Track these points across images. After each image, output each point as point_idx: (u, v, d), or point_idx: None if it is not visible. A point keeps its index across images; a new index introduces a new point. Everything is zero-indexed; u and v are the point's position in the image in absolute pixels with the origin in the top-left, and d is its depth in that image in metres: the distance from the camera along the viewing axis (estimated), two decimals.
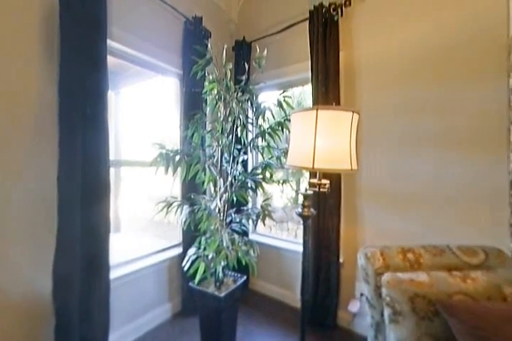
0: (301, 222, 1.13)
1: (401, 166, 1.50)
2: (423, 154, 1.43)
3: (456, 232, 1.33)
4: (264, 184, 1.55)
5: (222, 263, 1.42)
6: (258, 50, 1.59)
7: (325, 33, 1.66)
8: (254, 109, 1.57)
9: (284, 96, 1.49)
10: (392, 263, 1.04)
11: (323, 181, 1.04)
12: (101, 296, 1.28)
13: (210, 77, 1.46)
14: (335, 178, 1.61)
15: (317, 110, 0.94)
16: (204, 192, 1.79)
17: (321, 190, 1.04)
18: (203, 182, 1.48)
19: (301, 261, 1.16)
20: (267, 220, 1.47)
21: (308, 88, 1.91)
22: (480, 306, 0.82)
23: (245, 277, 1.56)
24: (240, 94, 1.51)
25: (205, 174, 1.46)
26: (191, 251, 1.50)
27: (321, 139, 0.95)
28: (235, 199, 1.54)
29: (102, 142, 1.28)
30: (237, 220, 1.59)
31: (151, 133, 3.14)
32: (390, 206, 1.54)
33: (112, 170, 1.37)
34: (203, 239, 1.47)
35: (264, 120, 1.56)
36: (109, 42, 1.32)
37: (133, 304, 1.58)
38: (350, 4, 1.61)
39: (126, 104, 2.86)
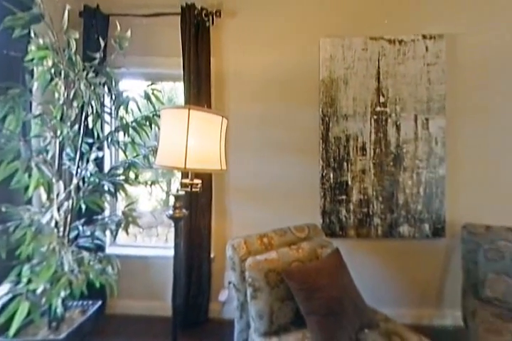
0: (173, 224, 1.07)
1: (260, 167, 1.81)
2: (274, 157, 1.80)
3: (294, 216, 1.78)
4: (127, 186, 1.33)
5: (63, 294, 1.07)
6: (119, 27, 1.34)
7: (197, 34, 1.69)
8: (114, 97, 1.31)
9: (152, 89, 1.36)
10: (253, 249, 1.23)
11: (196, 181, 1.04)
12: None
13: (41, 41, 1.06)
14: (206, 178, 1.67)
15: (189, 110, 0.94)
16: (29, 202, 1.27)
17: (194, 189, 1.04)
18: (26, 188, 1.05)
19: (172, 265, 1.10)
20: (132, 228, 1.28)
21: (180, 86, 1.86)
22: (305, 267, 1.14)
23: (100, 302, 1.27)
24: (92, 74, 1.20)
25: (30, 176, 1.04)
26: (1, 289, 1.01)
27: (193, 139, 0.95)
28: (83, 207, 1.21)
29: None
30: (88, 233, 1.26)
31: None
32: (252, 200, 1.81)
33: None
34: (26, 268, 1.04)
35: (127, 112, 1.34)
36: None
37: None
38: (220, 16, 1.74)
39: None
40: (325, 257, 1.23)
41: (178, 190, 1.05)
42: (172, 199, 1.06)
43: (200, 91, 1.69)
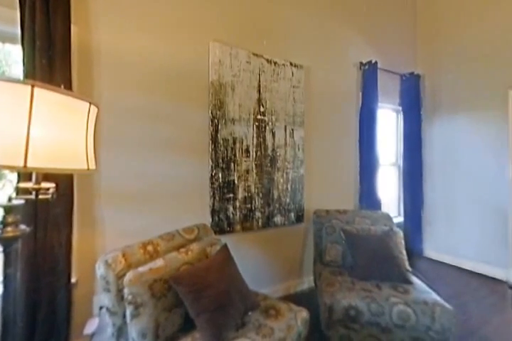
0: (2, 248, 0.75)
1: (143, 166, 1.60)
2: (161, 156, 1.66)
3: (182, 218, 1.72)
4: None
5: None
6: None
7: None
8: None
9: None
10: (134, 261, 1.08)
11: (46, 185, 0.78)
12: None
13: None
14: (64, 180, 1.29)
15: (33, 87, 0.69)
16: None
17: (41, 196, 0.78)
18: None
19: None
20: None
21: (15, 50, 1.33)
22: (195, 268, 1.14)
23: None
24: None
25: None
26: None
27: (41, 129, 0.71)
28: None
29: None
30: None
31: None
32: (132, 205, 1.58)
33: None
34: None
35: None
36: None
37: None
38: None
39: None
40: (214, 255, 1.27)
41: (11, 199, 0.75)
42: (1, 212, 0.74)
43: (52, 64, 1.27)
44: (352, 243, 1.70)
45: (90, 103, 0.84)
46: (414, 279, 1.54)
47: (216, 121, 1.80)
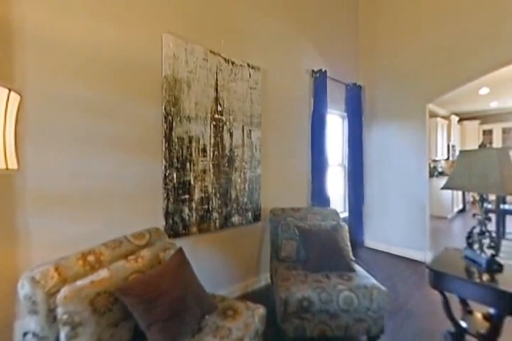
0: None
1: (83, 165, 1.41)
2: (105, 154, 1.48)
3: (132, 222, 1.57)
4: None
5: None
6: None
7: None
8: None
9: None
10: (70, 274, 0.94)
11: None
12: None
13: None
14: None
15: None
16: None
17: None
18: None
19: None
20: None
21: None
22: (146, 276, 1.05)
23: None
24: None
25: None
26: None
27: None
28: None
29: None
30: None
31: None
32: (68, 210, 1.37)
33: None
34: None
35: None
36: None
37: None
38: None
39: None
40: (168, 260, 1.20)
41: None
42: None
43: None
44: (305, 238, 1.82)
45: (10, 89, 0.70)
46: (357, 267, 1.73)
47: (170, 118, 1.70)
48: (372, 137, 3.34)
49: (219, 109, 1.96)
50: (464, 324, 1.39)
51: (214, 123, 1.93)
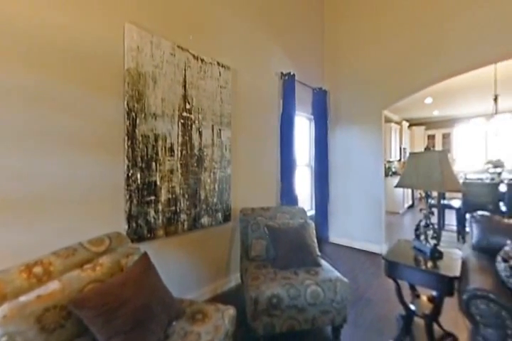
0: None
1: (31, 165, 1.24)
2: (56, 152, 1.32)
3: (89, 228, 1.43)
4: None
5: None
6: None
7: None
8: None
9: None
10: (11, 290, 0.82)
11: None
12: None
13: None
14: None
15: None
16: None
17: None
18: None
19: None
20: None
21: None
22: (105, 285, 0.97)
23: None
24: None
25: None
26: None
27: None
28: None
29: None
30: None
31: None
32: (12, 216, 1.19)
33: None
34: None
35: None
36: None
37: None
38: None
39: None
40: (130, 266, 1.12)
41: None
42: None
43: None
44: (274, 237, 1.86)
45: None
46: (323, 262, 1.82)
47: (134, 114, 1.59)
48: (337, 139, 3.55)
49: (187, 106, 1.89)
50: (412, 307, 1.57)
51: (182, 121, 1.86)
